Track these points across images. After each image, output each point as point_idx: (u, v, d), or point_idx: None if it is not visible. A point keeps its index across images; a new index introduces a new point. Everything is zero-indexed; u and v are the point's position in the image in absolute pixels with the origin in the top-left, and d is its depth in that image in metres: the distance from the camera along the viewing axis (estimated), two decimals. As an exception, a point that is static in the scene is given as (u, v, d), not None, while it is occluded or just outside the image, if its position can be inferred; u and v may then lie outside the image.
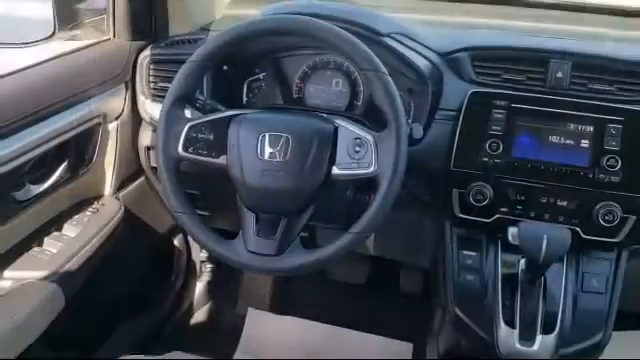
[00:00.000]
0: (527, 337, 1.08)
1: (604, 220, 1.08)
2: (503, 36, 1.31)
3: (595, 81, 1.12)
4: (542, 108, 1.12)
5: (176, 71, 1.06)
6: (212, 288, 2.03)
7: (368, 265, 1.98)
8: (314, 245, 1.04)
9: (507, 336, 1.08)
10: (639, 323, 1.80)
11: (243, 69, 1.34)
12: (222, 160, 1.05)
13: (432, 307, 1.49)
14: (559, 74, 1.13)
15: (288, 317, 1.98)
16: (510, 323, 1.09)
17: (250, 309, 2.00)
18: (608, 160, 1.07)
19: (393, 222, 1.10)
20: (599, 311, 1.11)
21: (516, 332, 1.08)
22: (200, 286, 2.01)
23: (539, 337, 1.07)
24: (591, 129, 1.09)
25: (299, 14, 1.05)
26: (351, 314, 1.99)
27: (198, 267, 1.99)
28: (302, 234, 1.05)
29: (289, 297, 2.08)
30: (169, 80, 1.09)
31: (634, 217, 1.08)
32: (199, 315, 2.00)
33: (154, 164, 1.44)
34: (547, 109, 1.12)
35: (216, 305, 2.05)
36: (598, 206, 1.08)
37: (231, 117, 1.05)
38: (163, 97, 1.07)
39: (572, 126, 1.10)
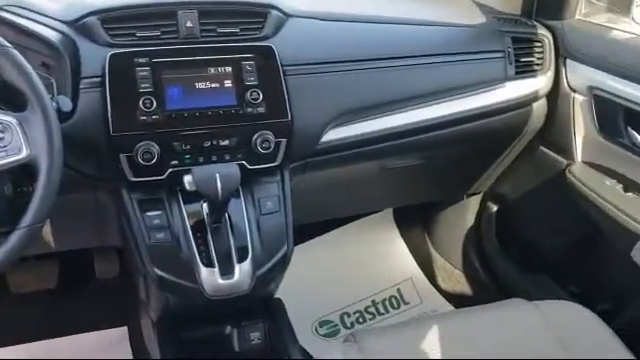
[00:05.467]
0: (227, 271, 1.14)
1: (262, 148, 1.19)
2: None
3: (222, 25, 1.21)
4: (181, 58, 1.16)
5: None
6: None
7: (56, 264, 1.83)
8: None
9: (209, 276, 1.13)
10: (315, 232, 2.09)
11: None
12: None
13: (135, 282, 1.47)
14: (189, 24, 1.19)
15: (-24, 353, 1.72)
16: (209, 264, 1.14)
17: None
18: (251, 94, 1.18)
19: (67, 207, 1.04)
20: (279, 228, 1.24)
21: (216, 270, 1.13)
22: None
23: (237, 267, 1.15)
24: (230, 69, 1.18)
25: None
26: (53, 323, 1.84)
27: None
28: None
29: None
30: None
31: (285, 139, 1.21)
32: None
33: None
34: (186, 58, 1.16)
35: None
36: (254, 137, 1.18)
37: None
38: None
39: (213, 70, 1.17)
